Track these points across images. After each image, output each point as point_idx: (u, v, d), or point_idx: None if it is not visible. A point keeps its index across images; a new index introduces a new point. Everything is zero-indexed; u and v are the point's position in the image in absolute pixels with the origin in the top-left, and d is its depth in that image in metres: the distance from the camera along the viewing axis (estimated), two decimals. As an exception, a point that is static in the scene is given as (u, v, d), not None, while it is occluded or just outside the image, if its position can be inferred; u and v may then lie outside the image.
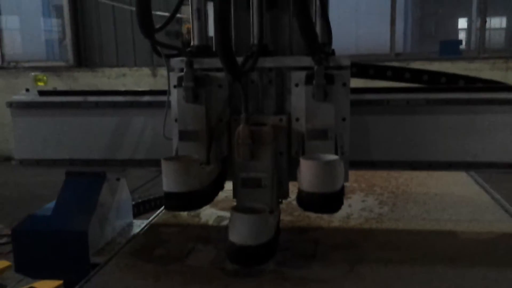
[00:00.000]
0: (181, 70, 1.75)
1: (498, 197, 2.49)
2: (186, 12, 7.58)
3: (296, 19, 1.59)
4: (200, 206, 1.68)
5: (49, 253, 2.08)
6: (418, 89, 2.10)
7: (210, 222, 2.24)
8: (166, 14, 7.12)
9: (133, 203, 2.67)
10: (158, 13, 8.26)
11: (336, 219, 2.20)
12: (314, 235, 2.03)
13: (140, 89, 2.29)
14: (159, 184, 1.68)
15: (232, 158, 1.74)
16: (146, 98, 2.18)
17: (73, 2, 9.14)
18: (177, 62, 1.79)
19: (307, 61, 1.68)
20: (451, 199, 2.46)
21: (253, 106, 1.79)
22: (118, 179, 2.30)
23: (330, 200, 1.53)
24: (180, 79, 1.71)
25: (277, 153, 1.74)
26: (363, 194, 2.57)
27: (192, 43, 1.87)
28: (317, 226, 2.13)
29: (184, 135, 1.74)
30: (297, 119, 1.71)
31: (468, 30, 13.90)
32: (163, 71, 9.17)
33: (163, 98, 2.14)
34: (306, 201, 1.55)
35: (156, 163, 2.21)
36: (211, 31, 1.88)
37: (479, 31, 8.17)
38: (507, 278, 1.62)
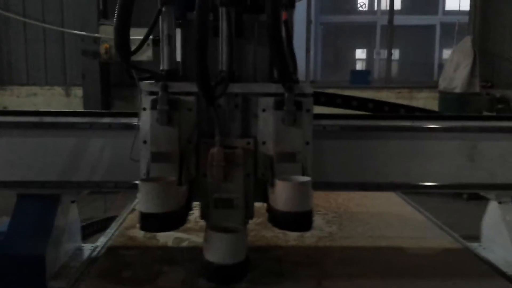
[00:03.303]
0: (151, 93, 1.79)
1: (430, 216, 2.73)
2: (105, 32, 7.44)
3: (270, 48, 1.71)
4: (177, 226, 1.71)
5: (2, 279, 1.99)
6: (367, 117, 2.29)
7: (170, 244, 2.25)
8: (83, 33, 6.82)
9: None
10: (78, 32, 8.02)
11: (291, 238, 2.30)
12: (275, 254, 2.12)
13: (51, 109, 2.28)
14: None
15: (201, 179, 1.80)
16: (106, 120, 2.17)
17: (-21, 16, 8.67)
18: (146, 85, 1.82)
19: (273, 87, 1.79)
20: (390, 217, 2.66)
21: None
22: (73, 202, 2.26)
23: (305, 219, 1.64)
24: (154, 102, 1.75)
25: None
26: (309, 214, 2.69)
27: (161, 68, 1.91)
28: (276, 245, 2.23)
29: (157, 157, 1.76)
30: (264, 143, 1.80)
31: (368, 60, 14.87)
32: (76, 91, 8.91)
33: (123, 120, 2.17)
34: (282, 220, 1.64)
35: (115, 185, 2.22)
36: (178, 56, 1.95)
37: (379, 61, 8.77)
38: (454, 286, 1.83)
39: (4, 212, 2.54)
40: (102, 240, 2.37)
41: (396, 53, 14.92)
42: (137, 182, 2.05)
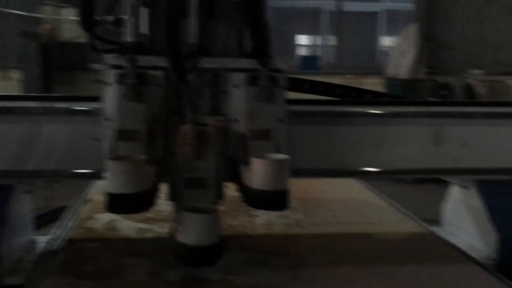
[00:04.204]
0: (115, 67, 1.67)
1: (391, 201, 2.75)
2: (46, 12, 7.10)
3: (247, 20, 1.64)
4: (147, 208, 1.59)
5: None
6: (336, 102, 2.26)
7: (132, 235, 2.15)
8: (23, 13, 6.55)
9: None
10: (16, 12, 7.62)
11: (259, 227, 2.26)
12: (245, 243, 2.06)
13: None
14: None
15: (169, 159, 1.70)
16: (61, 105, 2.03)
17: None
18: (111, 58, 1.70)
19: (245, 63, 1.72)
20: (353, 203, 2.67)
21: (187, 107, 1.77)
22: (27, 192, 2.11)
23: (283, 197, 1.59)
24: (120, 76, 1.63)
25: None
26: (273, 201, 2.65)
27: (125, 39, 1.78)
28: (244, 234, 2.17)
29: (123, 135, 1.64)
30: (235, 120, 1.72)
31: (311, 46, 14.96)
32: (14, 74, 8.48)
33: (79, 105, 2.04)
34: (259, 199, 1.58)
35: (71, 174, 2.09)
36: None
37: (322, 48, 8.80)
38: (427, 270, 1.85)
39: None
40: (56, 232, 2.24)
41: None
42: (93, 170, 1.96)
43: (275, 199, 1.57)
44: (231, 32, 1.83)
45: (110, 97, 1.64)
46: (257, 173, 1.55)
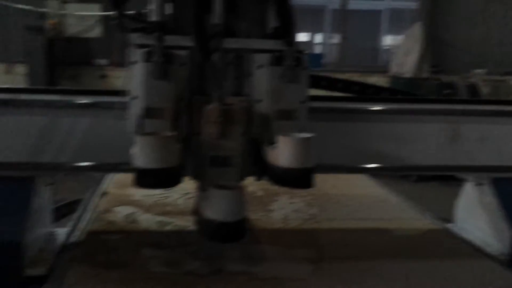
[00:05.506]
0: (141, 46, 1.69)
1: (402, 198, 2.78)
2: (51, 6, 7.11)
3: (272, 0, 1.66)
4: (175, 183, 1.59)
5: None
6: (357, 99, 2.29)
7: (153, 228, 2.18)
8: (28, 7, 6.56)
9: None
10: (22, 6, 7.62)
11: (275, 221, 2.28)
12: (264, 236, 2.09)
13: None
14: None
15: (194, 138, 1.72)
16: (85, 99, 2.06)
17: None
18: (137, 37, 1.72)
19: (270, 43, 1.74)
20: (366, 199, 2.69)
21: (211, 87, 1.77)
22: (49, 184, 2.13)
23: (308, 175, 1.59)
24: (148, 54, 1.64)
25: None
26: (287, 197, 2.68)
27: (152, 19, 1.80)
28: (261, 228, 2.20)
29: (150, 112, 1.66)
30: (259, 101, 1.74)
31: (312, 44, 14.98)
32: (19, 68, 8.48)
33: (103, 98, 2.06)
34: (285, 177, 1.58)
35: (93, 168, 2.12)
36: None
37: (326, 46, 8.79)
38: (443, 265, 1.88)
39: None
40: (75, 225, 2.26)
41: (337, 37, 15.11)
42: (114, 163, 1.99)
43: (301, 177, 1.58)
44: (255, 13, 1.85)
45: (137, 75, 1.66)
46: (284, 151, 1.56)
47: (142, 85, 1.64)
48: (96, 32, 7.85)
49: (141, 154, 1.50)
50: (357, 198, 2.72)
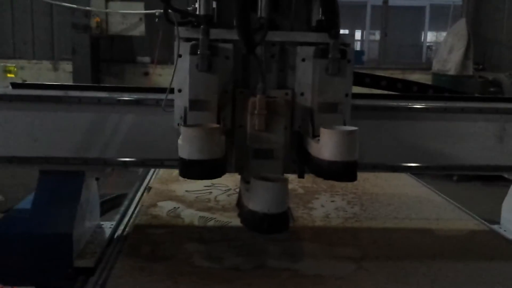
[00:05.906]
0: (187, 39, 1.72)
1: (445, 197, 2.74)
2: (96, 5, 7.22)
3: None
4: (219, 175, 1.60)
5: (27, 258, 1.93)
6: (399, 97, 2.26)
7: (196, 223, 2.21)
8: (73, 6, 6.69)
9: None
10: (67, 4, 7.81)
11: (317, 219, 2.29)
12: (306, 234, 2.10)
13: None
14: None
15: (237, 130, 1.74)
16: (132, 96, 2.11)
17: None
18: (184, 31, 1.74)
19: (313, 36, 1.73)
20: (409, 199, 2.66)
21: (255, 80, 1.77)
22: (97, 179, 2.20)
23: (353, 168, 1.58)
24: (194, 47, 1.67)
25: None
26: (328, 195, 2.68)
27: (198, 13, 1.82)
28: (303, 226, 2.20)
29: (195, 105, 1.69)
30: (302, 94, 1.74)
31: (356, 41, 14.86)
32: (65, 65, 8.71)
33: (150, 95, 2.11)
34: (329, 169, 1.57)
35: (141, 163, 2.17)
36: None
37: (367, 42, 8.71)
38: (489, 267, 1.85)
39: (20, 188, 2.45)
40: (121, 219, 2.32)
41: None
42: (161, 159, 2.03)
43: (346, 170, 1.56)
44: (299, 6, 1.84)
45: (183, 68, 1.69)
46: (329, 144, 1.55)
47: (187, 78, 1.67)
48: (139, 30, 7.98)
49: (186, 146, 1.52)
50: (400, 196, 2.69)
